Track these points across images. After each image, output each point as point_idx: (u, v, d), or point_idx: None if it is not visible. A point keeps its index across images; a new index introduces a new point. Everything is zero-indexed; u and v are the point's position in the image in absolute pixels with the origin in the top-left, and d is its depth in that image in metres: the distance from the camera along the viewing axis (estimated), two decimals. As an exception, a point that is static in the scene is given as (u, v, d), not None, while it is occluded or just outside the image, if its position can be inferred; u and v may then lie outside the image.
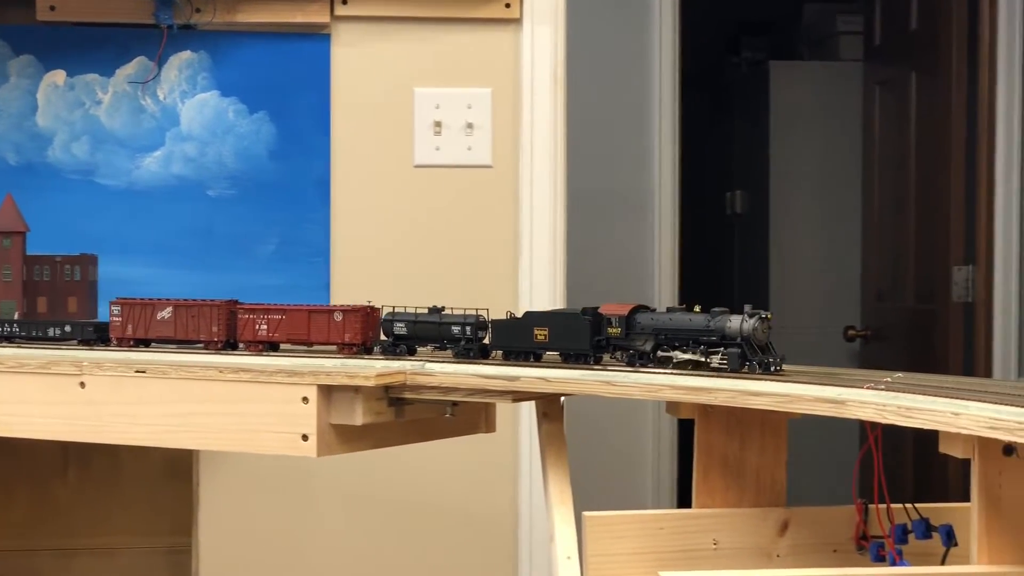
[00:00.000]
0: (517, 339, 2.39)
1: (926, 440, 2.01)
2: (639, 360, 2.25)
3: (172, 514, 3.65)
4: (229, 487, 3.46)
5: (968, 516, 1.99)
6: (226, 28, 3.41)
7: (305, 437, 2.35)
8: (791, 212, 6.19)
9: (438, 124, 3.47)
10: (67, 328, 2.75)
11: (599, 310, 2.30)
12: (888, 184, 5.33)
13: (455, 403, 2.47)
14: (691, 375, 2.27)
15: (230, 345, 2.63)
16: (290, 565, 3.49)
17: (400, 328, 2.52)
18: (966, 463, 1.98)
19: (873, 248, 5.51)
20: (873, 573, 1.96)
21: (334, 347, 2.54)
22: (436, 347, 2.52)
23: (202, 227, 3.44)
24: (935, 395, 2.00)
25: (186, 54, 3.43)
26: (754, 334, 2.16)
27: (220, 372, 2.41)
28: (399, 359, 2.49)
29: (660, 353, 2.23)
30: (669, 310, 2.26)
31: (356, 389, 2.35)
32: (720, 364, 2.18)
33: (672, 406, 2.43)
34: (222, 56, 3.43)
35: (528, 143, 3.45)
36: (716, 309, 2.20)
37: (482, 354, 2.44)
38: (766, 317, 2.17)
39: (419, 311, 2.52)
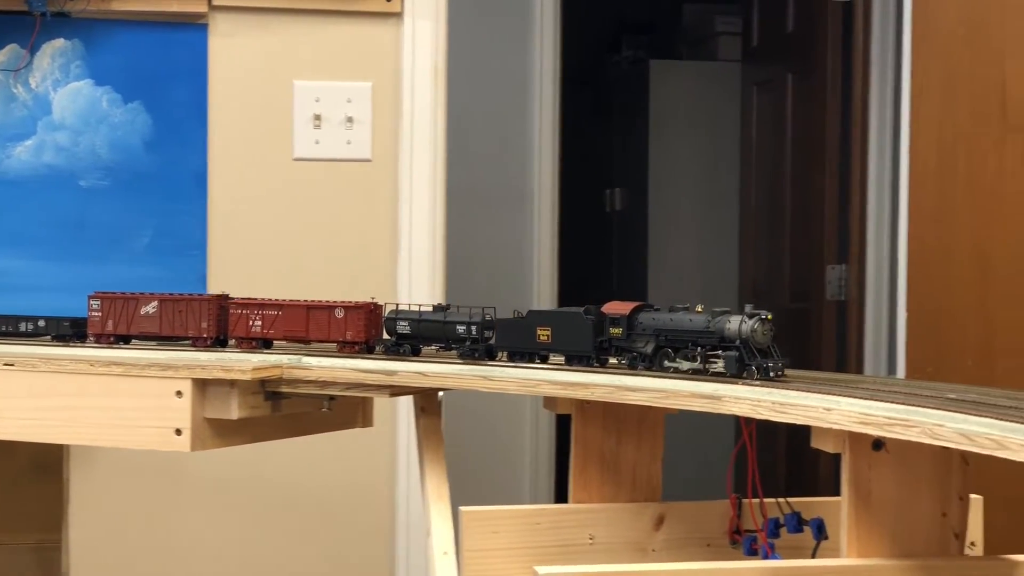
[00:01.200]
0: (521, 339, 2.31)
1: (800, 435, 2.04)
2: (641, 363, 2.18)
3: (40, 511, 3.58)
4: (101, 483, 3.40)
5: (839, 510, 2.02)
6: (101, 16, 3.35)
7: (179, 432, 2.32)
8: (669, 210, 6.24)
9: (318, 117, 3.44)
10: (40, 323, 2.62)
11: (602, 309, 2.22)
12: (764, 183, 5.39)
13: (332, 397, 2.45)
14: (570, 370, 2.28)
15: (220, 342, 2.51)
16: (164, 561, 3.44)
17: (403, 327, 2.41)
18: (838, 458, 2.01)
19: (749, 247, 5.58)
20: (745, 567, 1.98)
21: (334, 346, 2.45)
22: (441, 347, 2.41)
23: (74, 218, 3.38)
24: (807, 391, 2.03)
25: (59, 42, 3.37)
26: (753, 336, 2.06)
27: (91, 365, 2.37)
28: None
29: (666, 363, 2.15)
30: (671, 309, 2.17)
31: (231, 383, 2.32)
32: (718, 370, 2.09)
33: (550, 401, 2.44)
34: (96, 44, 3.37)
35: (408, 137, 3.44)
36: (717, 309, 2.12)
37: (488, 355, 2.35)
38: (767, 318, 2.07)
39: (423, 309, 2.43)
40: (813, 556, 2.24)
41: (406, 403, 3.07)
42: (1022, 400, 1.95)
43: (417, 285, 3.43)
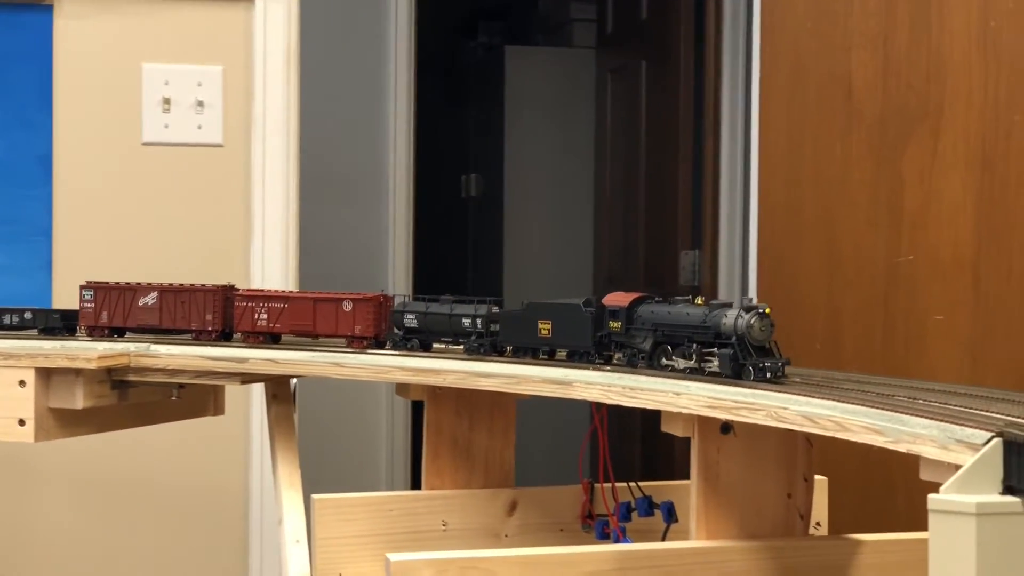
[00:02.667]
0: (523, 334, 2.19)
1: (655, 420, 2.06)
2: (640, 361, 2.06)
3: None
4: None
5: (689, 493, 2.04)
6: (-58, -4, 3.27)
7: (22, 422, 2.27)
8: (525, 196, 6.26)
9: (167, 101, 3.39)
10: (26, 316, 2.48)
11: (602, 301, 2.11)
12: (619, 170, 5.43)
13: (181, 385, 2.42)
14: (423, 356, 2.28)
15: (225, 336, 2.41)
16: (12, 555, 3.37)
17: (411, 320, 2.31)
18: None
19: (604, 233, 5.62)
20: (597, 550, 1.99)
21: (343, 340, 2.36)
22: (449, 342, 2.31)
23: (-87, 204, 3.29)
24: (657, 376, 2.05)
25: (-102, 22, 3.28)
26: (750, 332, 1.90)
27: (-69, 354, 2.31)
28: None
29: (664, 361, 2.02)
30: (671, 301, 2.04)
31: (77, 372, 2.28)
32: (716, 368, 1.94)
33: (402, 388, 2.43)
34: (-63, 25, 3.29)
35: (260, 122, 3.41)
36: (715, 302, 1.98)
37: (494, 350, 2.24)
38: (765, 312, 1.92)
39: (431, 301, 2.31)
40: (663, 539, 2.26)
41: (261, 391, 3.05)
42: (865, 383, 1.99)
43: (270, 270, 3.40)
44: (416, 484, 4.66)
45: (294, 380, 2.53)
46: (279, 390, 2.48)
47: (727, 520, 2.01)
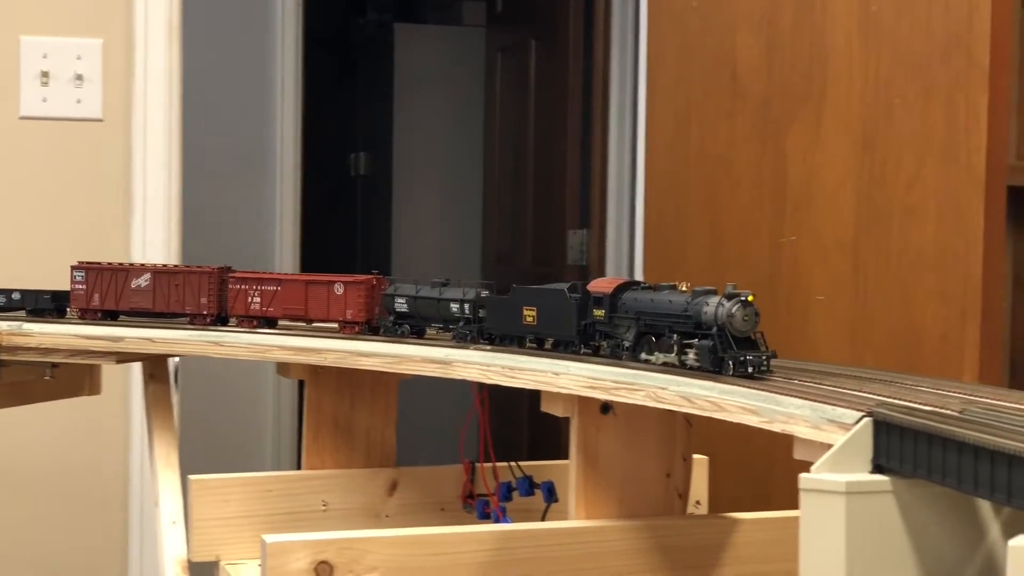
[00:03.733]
0: (508, 321, 2.07)
1: (540, 400, 2.06)
2: (624, 353, 1.93)
3: None
4: None
5: (569, 473, 2.04)
6: None
7: None
8: (415, 175, 6.23)
9: (45, 74, 3.32)
10: (14, 296, 2.37)
11: (588, 287, 2.00)
12: (509, 149, 5.42)
13: (55, 365, 2.38)
14: (303, 335, 2.26)
15: (221, 320, 2.31)
16: None
17: (401, 305, 2.20)
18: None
19: (493, 211, 5.61)
20: (476, 530, 1.99)
21: (335, 325, 2.26)
22: (440, 328, 2.20)
23: None
24: (539, 356, 2.04)
25: None
26: (731, 322, 1.77)
27: None
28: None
29: (643, 355, 1.90)
30: (655, 287, 1.93)
31: (-58, 351, 2.23)
32: (695, 362, 1.82)
33: (283, 367, 2.40)
34: None
35: (141, 97, 3.35)
36: (699, 289, 1.84)
37: (482, 337, 2.13)
38: (748, 300, 1.78)
39: (421, 285, 2.20)
40: (543, 519, 2.26)
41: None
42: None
43: (152, 247, 3.35)
44: (301, 465, 4.62)
45: (175, 360, 2.49)
46: (156, 370, 2.44)
47: (606, 500, 2.01)
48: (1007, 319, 2.77)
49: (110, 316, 2.37)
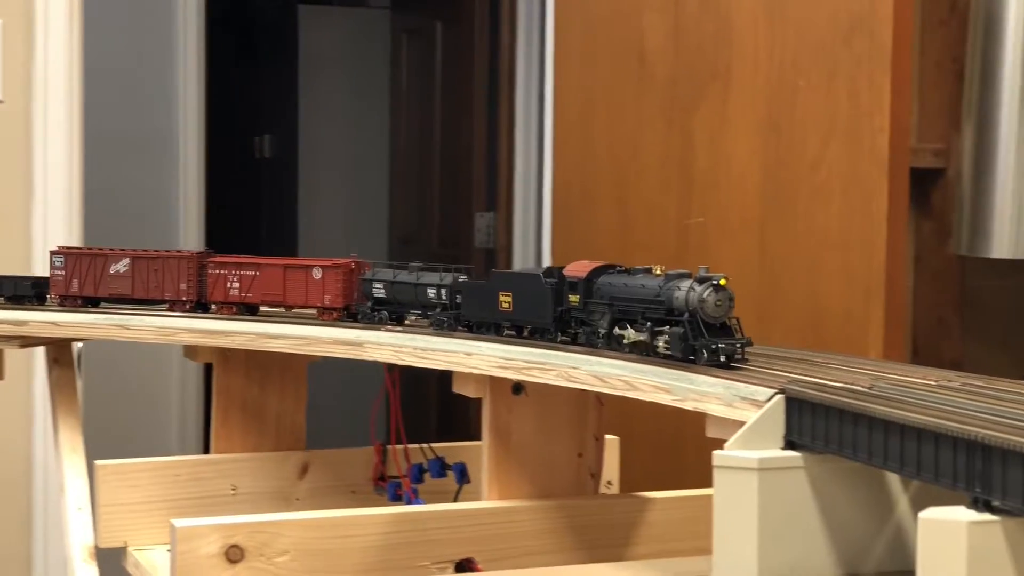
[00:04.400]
0: (485, 308, 1.98)
1: (451, 381, 2.05)
2: (599, 341, 1.85)
3: None
4: None
5: (481, 454, 2.04)
6: None
7: None
8: (320, 156, 6.19)
9: (-58, 55, 3.25)
10: None
11: (564, 271, 1.91)
12: (415, 131, 5.41)
13: (-44, 349, 2.34)
14: (210, 318, 2.24)
15: (201, 307, 2.24)
16: None
17: (379, 290, 2.11)
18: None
19: (400, 194, 5.59)
20: (388, 512, 1.98)
21: (313, 311, 2.18)
22: (418, 315, 2.10)
23: None
24: (451, 337, 2.04)
25: None
26: (703, 307, 1.69)
27: None
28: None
29: (616, 331, 1.81)
30: (630, 271, 1.84)
31: None
32: (665, 350, 1.74)
33: (190, 350, 2.38)
34: None
35: (42, 78, 3.29)
36: (673, 272, 1.76)
37: (460, 324, 2.04)
38: (720, 284, 1.70)
39: (399, 269, 2.10)
40: (455, 500, 2.26)
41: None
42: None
43: (53, 230, 3.30)
44: (208, 449, 4.59)
45: (79, 344, 2.45)
46: (60, 354, 2.40)
47: (518, 480, 2.01)
48: (909, 298, 2.81)
49: (90, 303, 2.30)
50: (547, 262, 3.77)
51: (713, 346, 1.68)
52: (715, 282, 1.70)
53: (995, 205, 2.81)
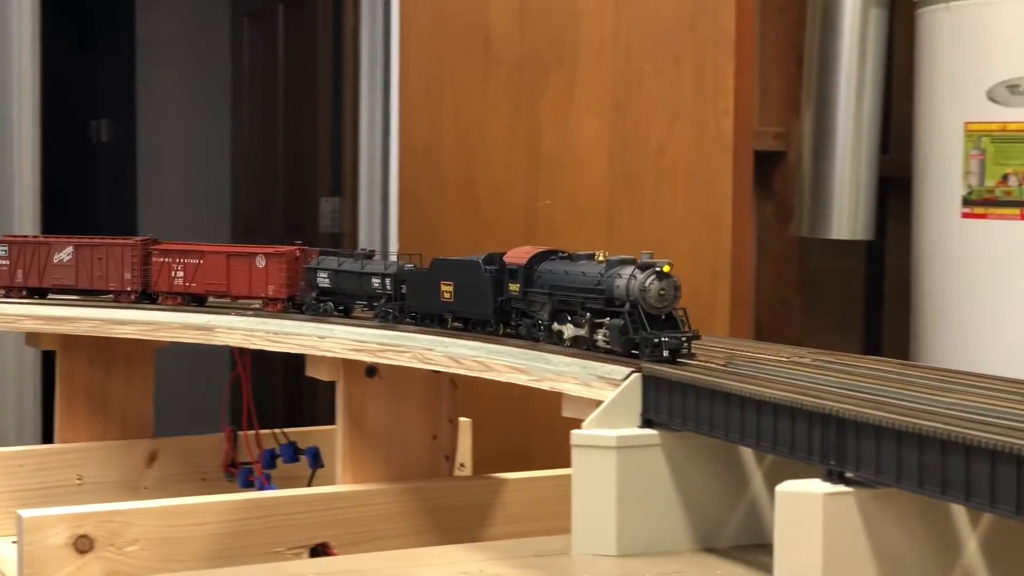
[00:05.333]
0: (428, 298, 1.85)
1: (298, 365, 2.04)
2: (540, 333, 1.72)
3: None
4: None
5: (335, 438, 2.03)
6: None
7: None
8: (160, 142, 6.08)
9: None
10: None
11: (504, 257, 1.78)
12: (258, 116, 5.34)
13: None
14: (52, 304, 2.19)
15: (147, 297, 2.11)
16: None
17: (324, 280, 1.98)
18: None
19: (243, 179, 5.53)
20: (239, 499, 1.96)
21: (258, 303, 2.06)
22: (364, 306, 1.96)
23: None
24: (304, 320, 2.02)
25: None
26: (644, 297, 1.56)
27: None
28: None
29: (556, 325, 1.68)
30: (572, 257, 1.72)
31: None
32: (605, 344, 1.61)
33: (32, 337, 2.32)
34: None
35: None
36: (615, 259, 1.63)
37: (406, 316, 1.90)
38: (664, 272, 1.57)
39: (344, 257, 1.97)
40: (309, 485, 2.24)
41: None
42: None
43: None
44: (49, 438, 4.48)
45: (-87, 333, 2.38)
46: None
47: (373, 463, 2.01)
48: (753, 279, 2.86)
49: (37, 294, 2.20)
50: (394, 246, 3.76)
51: (656, 340, 1.55)
52: (658, 269, 1.58)
53: (833, 187, 2.87)
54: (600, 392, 1.56)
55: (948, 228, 2.51)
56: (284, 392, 4.87)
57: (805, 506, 1.26)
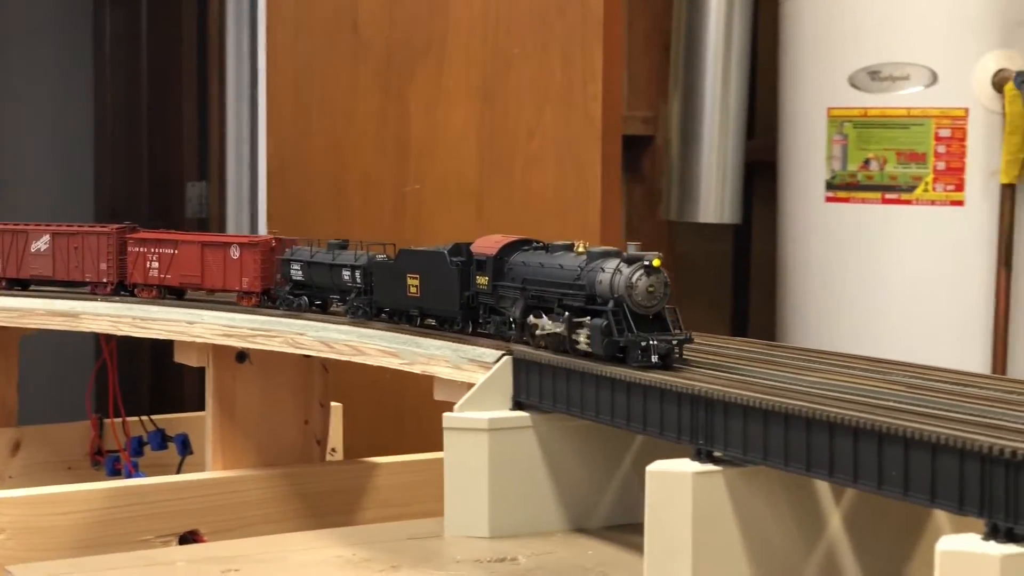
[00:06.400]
0: (395, 292, 1.70)
1: (165, 351, 2.02)
2: (510, 331, 1.56)
3: None
4: None
5: (205, 424, 2.02)
6: None
7: None
8: (20, 127, 5.97)
9: None
10: None
11: (472, 246, 1.63)
12: (121, 100, 5.27)
13: None
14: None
15: (124, 289, 2.01)
16: None
17: (297, 272, 1.85)
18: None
19: (106, 164, 5.44)
20: (105, 487, 1.93)
21: (234, 295, 1.95)
22: (337, 300, 1.82)
23: None
24: (171, 306, 2.00)
25: None
26: (631, 295, 1.38)
27: None
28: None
29: (531, 319, 1.51)
30: (548, 248, 1.55)
31: None
32: (586, 347, 1.43)
33: None
34: None
35: None
36: (596, 250, 1.44)
37: (377, 311, 1.76)
38: (653, 266, 1.39)
39: (317, 248, 1.84)
40: (179, 472, 2.22)
41: None
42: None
43: None
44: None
45: None
46: None
47: (244, 449, 2.00)
48: (622, 263, 2.88)
49: (18, 285, 2.11)
50: (263, 231, 3.73)
51: (643, 343, 1.37)
52: (647, 263, 1.40)
53: (701, 172, 2.91)
54: (471, 375, 1.57)
55: (812, 212, 2.56)
56: (151, 379, 4.82)
57: (675, 485, 1.28)
